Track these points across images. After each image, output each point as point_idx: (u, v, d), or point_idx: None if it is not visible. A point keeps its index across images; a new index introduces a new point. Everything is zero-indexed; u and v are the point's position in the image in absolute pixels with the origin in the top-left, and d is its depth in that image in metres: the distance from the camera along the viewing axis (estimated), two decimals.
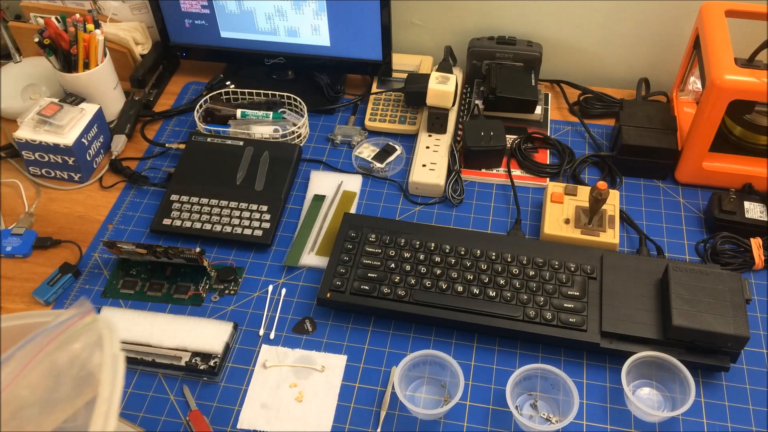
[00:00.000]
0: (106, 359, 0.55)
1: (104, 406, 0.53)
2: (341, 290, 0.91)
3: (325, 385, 0.86)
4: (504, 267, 0.92)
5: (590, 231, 0.97)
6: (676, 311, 0.82)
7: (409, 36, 1.32)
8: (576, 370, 0.87)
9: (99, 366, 0.55)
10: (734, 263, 0.96)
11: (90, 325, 0.56)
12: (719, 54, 0.95)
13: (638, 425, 0.82)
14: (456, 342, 0.90)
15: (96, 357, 0.56)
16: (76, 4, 1.26)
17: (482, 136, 1.09)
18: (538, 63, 1.20)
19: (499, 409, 0.84)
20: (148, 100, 1.26)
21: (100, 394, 0.53)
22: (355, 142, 1.17)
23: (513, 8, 1.23)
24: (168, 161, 1.16)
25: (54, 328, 0.54)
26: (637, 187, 1.09)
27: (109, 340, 0.56)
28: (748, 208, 1.00)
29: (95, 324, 0.56)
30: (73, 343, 0.55)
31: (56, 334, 0.54)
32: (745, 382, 0.86)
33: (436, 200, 1.08)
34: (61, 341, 0.54)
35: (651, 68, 1.25)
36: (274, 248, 1.02)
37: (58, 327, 0.54)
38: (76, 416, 0.55)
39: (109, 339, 0.57)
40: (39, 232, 1.04)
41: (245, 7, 1.17)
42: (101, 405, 0.53)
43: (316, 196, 1.08)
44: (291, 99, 1.20)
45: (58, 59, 1.13)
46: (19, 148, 1.10)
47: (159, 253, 0.95)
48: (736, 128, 1.07)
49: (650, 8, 1.17)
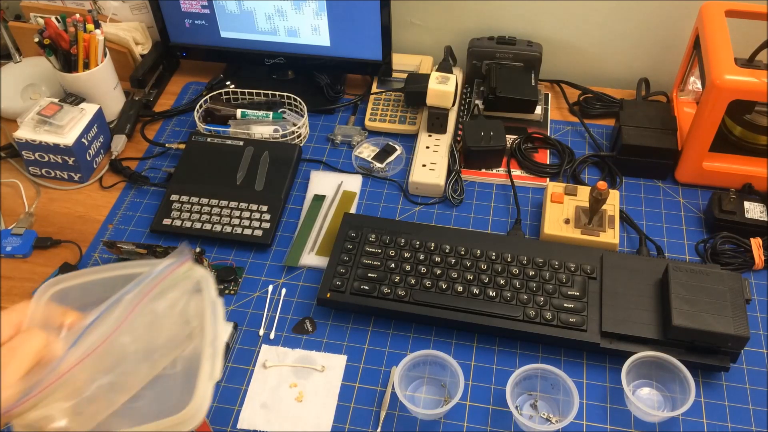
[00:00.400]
0: (206, 305, 0.56)
1: (209, 349, 0.53)
2: (341, 290, 0.91)
3: (325, 385, 0.86)
4: (504, 267, 0.92)
5: (590, 231, 0.97)
6: (676, 311, 0.82)
7: (409, 36, 1.32)
8: (576, 370, 0.87)
9: (196, 314, 0.56)
10: (734, 263, 0.96)
11: (187, 273, 0.56)
12: (719, 54, 0.95)
13: (638, 425, 0.82)
14: (456, 342, 0.90)
15: (192, 305, 0.56)
16: (76, 4, 1.26)
17: (482, 136, 1.09)
18: (538, 63, 1.20)
19: (499, 409, 0.84)
20: (148, 100, 1.26)
21: (204, 338, 0.54)
22: (355, 142, 1.17)
23: (513, 8, 1.23)
24: (168, 161, 1.16)
25: (156, 276, 0.54)
26: (637, 187, 1.09)
27: (207, 286, 0.57)
28: (748, 208, 1.00)
29: (192, 271, 0.57)
30: (172, 291, 0.55)
31: (157, 282, 0.54)
32: (745, 382, 0.86)
33: (436, 200, 1.08)
34: (161, 289, 0.54)
35: (651, 68, 1.25)
36: (274, 248, 1.02)
37: (159, 275, 0.54)
38: (174, 364, 0.56)
39: (207, 285, 0.57)
40: (39, 232, 1.04)
41: (245, 7, 1.17)
42: (207, 349, 0.53)
43: (316, 196, 1.08)
44: (291, 99, 1.20)
45: (58, 59, 1.13)
46: (19, 148, 1.10)
47: (159, 253, 0.95)
48: (736, 128, 1.07)
49: (650, 8, 1.17)
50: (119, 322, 0.51)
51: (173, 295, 0.55)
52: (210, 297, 0.56)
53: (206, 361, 0.53)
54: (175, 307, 0.55)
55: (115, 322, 0.51)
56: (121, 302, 0.52)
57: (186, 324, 0.56)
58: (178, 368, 0.56)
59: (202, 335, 0.55)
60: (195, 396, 0.51)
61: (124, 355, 0.52)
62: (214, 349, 0.54)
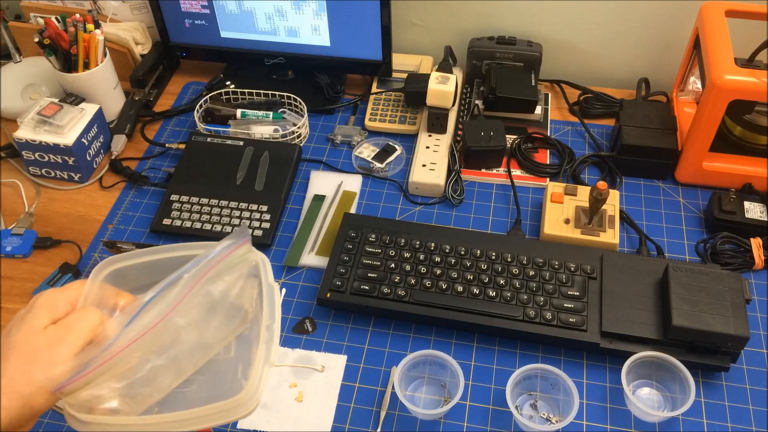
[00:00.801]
0: (264, 289, 0.54)
1: (265, 333, 0.52)
2: (341, 290, 0.91)
3: (325, 385, 0.86)
4: (504, 267, 0.92)
5: (590, 231, 0.97)
6: (676, 311, 0.82)
7: (409, 36, 1.32)
8: (576, 370, 0.87)
9: (251, 298, 0.55)
10: (734, 263, 0.96)
11: (245, 255, 0.55)
12: (719, 54, 0.95)
13: (638, 425, 0.82)
14: (456, 342, 0.90)
15: (248, 289, 0.55)
16: (76, 4, 1.26)
17: (482, 136, 1.09)
18: (538, 63, 1.20)
19: (499, 409, 0.84)
20: (148, 100, 1.26)
21: (261, 323, 0.52)
22: (355, 142, 1.17)
23: (513, 8, 1.23)
24: (168, 161, 1.16)
25: (213, 257, 0.53)
26: (637, 187, 1.09)
27: (264, 269, 0.56)
28: (748, 208, 1.00)
29: (250, 254, 0.55)
30: (228, 274, 0.54)
31: (215, 263, 0.53)
32: (745, 382, 0.86)
33: (436, 200, 1.08)
34: (218, 270, 0.53)
35: (651, 68, 1.25)
36: (274, 248, 1.02)
37: (217, 256, 0.53)
38: (228, 349, 0.55)
39: (264, 269, 0.56)
40: (39, 232, 1.04)
41: (245, 7, 1.17)
42: (263, 333, 0.52)
43: (316, 196, 1.08)
44: (291, 99, 1.20)
45: (58, 59, 1.13)
46: (19, 148, 1.10)
47: None
48: (736, 128, 1.07)
49: (650, 8, 1.17)
50: (175, 303, 0.50)
51: (229, 278, 0.54)
52: (267, 281, 0.55)
53: (262, 346, 0.51)
54: (231, 291, 0.54)
55: (172, 302, 0.50)
56: (177, 282, 0.51)
57: (241, 308, 0.55)
58: (232, 353, 0.54)
59: (258, 319, 0.53)
60: (250, 380, 0.50)
61: (178, 337, 0.51)
62: (271, 333, 0.52)
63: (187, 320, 0.51)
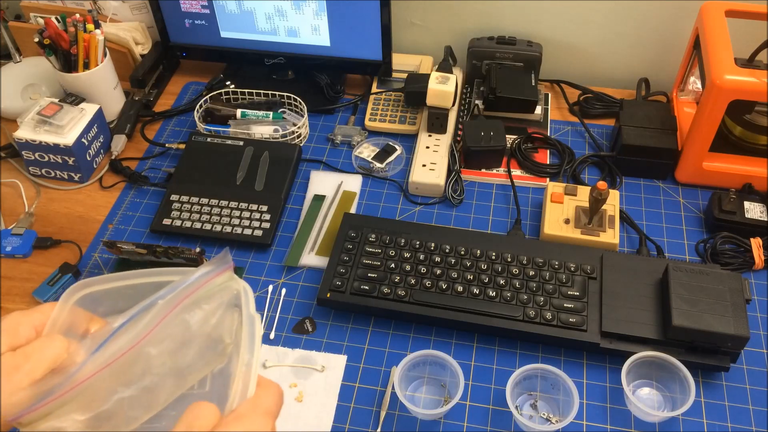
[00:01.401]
0: (244, 320, 0.51)
1: (243, 369, 0.48)
2: (341, 290, 0.91)
3: (325, 385, 0.86)
4: (504, 267, 0.92)
5: (590, 231, 0.97)
6: (676, 311, 0.82)
7: (409, 36, 1.32)
8: (576, 370, 0.87)
9: (230, 330, 0.51)
10: (734, 263, 0.96)
11: (226, 284, 0.51)
12: (719, 54, 0.95)
13: (638, 425, 0.82)
14: (456, 342, 0.90)
15: (227, 320, 0.51)
16: (76, 4, 1.26)
17: (482, 136, 1.09)
18: (538, 63, 1.20)
19: (499, 409, 0.84)
20: (148, 100, 1.26)
21: (240, 357, 0.49)
22: (355, 142, 1.17)
23: (513, 8, 1.23)
24: (168, 161, 1.16)
25: (191, 283, 0.49)
26: (637, 187, 1.09)
27: (246, 300, 0.52)
28: (748, 208, 1.00)
29: (231, 282, 0.51)
30: (207, 303, 0.50)
31: (192, 290, 0.49)
32: (745, 382, 0.86)
33: (436, 200, 1.08)
34: (196, 298, 0.49)
35: (651, 68, 1.25)
36: (274, 248, 1.02)
37: (195, 282, 0.49)
38: (203, 383, 0.51)
39: (246, 299, 0.52)
40: (39, 232, 1.04)
41: (245, 7, 1.17)
42: (240, 368, 0.48)
43: (316, 196, 1.08)
44: (291, 99, 1.20)
45: (58, 59, 1.13)
46: (19, 148, 1.10)
47: (159, 253, 0.95)
48: (736, 128, 1.07)
49: (650, 8, 1.17)
50: (148, 330, 0.47)
51: (208, 306, 0.50)
52: (249, 312, 0.51)
53: (239, 382, 0.48)
54: (209, 320, 0.50)
55: (144, 329, 0.47)
56: (151, 309, 0.48)
57: (219, 340, 0.51)
58: (207, 388, 0.51)
59: (237, 353, 0.50)
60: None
61: (149, 368, 0.48)
62: (248, 368, 0.48)
63: (160, 350, 0.48)
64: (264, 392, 0.46)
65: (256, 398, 0.46)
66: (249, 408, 0.45)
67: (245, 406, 0.45)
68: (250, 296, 0.52)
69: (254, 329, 0.50)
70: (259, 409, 0.45)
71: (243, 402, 0.46)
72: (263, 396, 0.46)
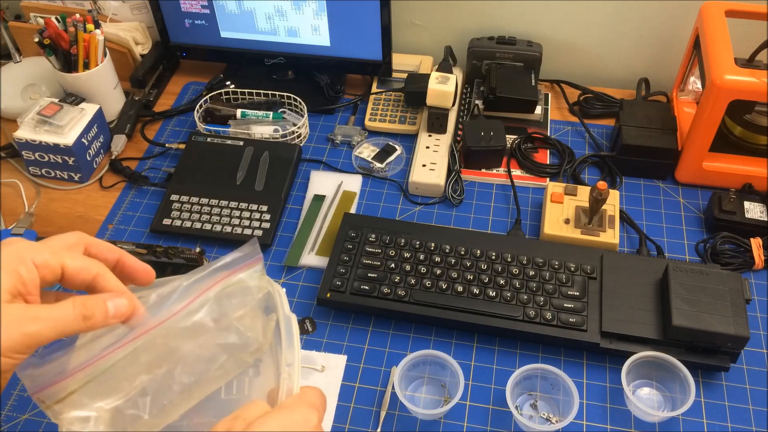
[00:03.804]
0: (281, 321, 0.50)
1: (286, 368, 0.47)
2: (341, 290, 0.91)
3: (325, 385, 0.86)
4: (504, 267, 0.92)
5: (590, 231, 0.97)
6: (676, 311, 0.82)
7: (409, 36, 1.32)
8: (576, 370, 0.87)
9: (261, 330, 0.49)
10: (734, 263, 0.96)
11: (258, 282, 0.50)
12: (719, 54, 0.95)
13: (638, 425, 0.82)
14: (456, 342, 0.90)
15: (258, 322, 0.49)
16: (76, 4, 1.26)
17: (482, 136, 1.09)
18: (538, 63, 1.20)
19: (499, 409, 0.84)
20: (148, 100, 1.26)
21: (283, 358, 0.48)
22: (355, 142, 1.17)
23: (513, 8, 1.23)
24: (168, 161, 1.16)
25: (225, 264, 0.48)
26: (637, 187, 1.09)
27: (281, 300, 0.50)
28: (748, 208, 1.00)
29: (263, 281, 0.50)
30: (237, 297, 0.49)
31: (226, 275, 0.48)
32: (745, 382, 0.85)
33: (436, 200, 1.08)
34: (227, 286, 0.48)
35: (651, 68, 1.25)
36: (274, 248, 1.02)
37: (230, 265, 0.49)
38: (229, 386, 0.50)
39: (281, 300, 0.50)
40: (39, 232, 1.04)
41: (245, 7, 1.17)
42: (284, 368, 0.47)
43: (316, 196, 1.08)
44: (291, 99, 1.20)
45: (58, 59, 1.13)
46: (19, 148, 1.10)
47: (159, 253, 0.95)
48: (736, 128, 1.07)
49: (650, 8, 1.17)
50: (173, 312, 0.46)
51: (237, 300, 0.49)
52: (284, 313, 0.50)
53: (284, 381, 0.47)
54: (238, 315, 0.49)
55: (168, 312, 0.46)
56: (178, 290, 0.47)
57: (248, 338, 0.49)
58: (234, 392, 0.50)
59: (272, 354, 0.49)
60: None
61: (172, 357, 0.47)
62: (291, 368, 0.48)
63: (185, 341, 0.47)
64: (308, 389, 0.47)
65: (301, 393, 0.47)
66: (295, 400, 0.46)
67: (292, 399, 0.46)
68: (284, 297, 0.52)
69: (291, 328, 0.50)
70: (305, 401, 0.46)
71: (290, 397, 0.46)
72: (308, 392, 0.47)
